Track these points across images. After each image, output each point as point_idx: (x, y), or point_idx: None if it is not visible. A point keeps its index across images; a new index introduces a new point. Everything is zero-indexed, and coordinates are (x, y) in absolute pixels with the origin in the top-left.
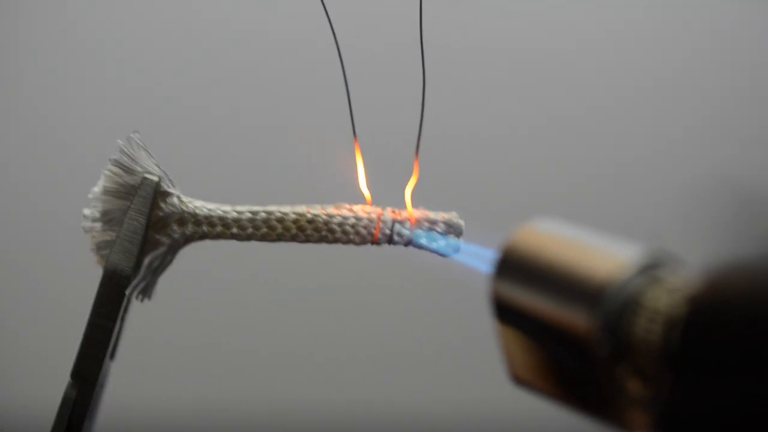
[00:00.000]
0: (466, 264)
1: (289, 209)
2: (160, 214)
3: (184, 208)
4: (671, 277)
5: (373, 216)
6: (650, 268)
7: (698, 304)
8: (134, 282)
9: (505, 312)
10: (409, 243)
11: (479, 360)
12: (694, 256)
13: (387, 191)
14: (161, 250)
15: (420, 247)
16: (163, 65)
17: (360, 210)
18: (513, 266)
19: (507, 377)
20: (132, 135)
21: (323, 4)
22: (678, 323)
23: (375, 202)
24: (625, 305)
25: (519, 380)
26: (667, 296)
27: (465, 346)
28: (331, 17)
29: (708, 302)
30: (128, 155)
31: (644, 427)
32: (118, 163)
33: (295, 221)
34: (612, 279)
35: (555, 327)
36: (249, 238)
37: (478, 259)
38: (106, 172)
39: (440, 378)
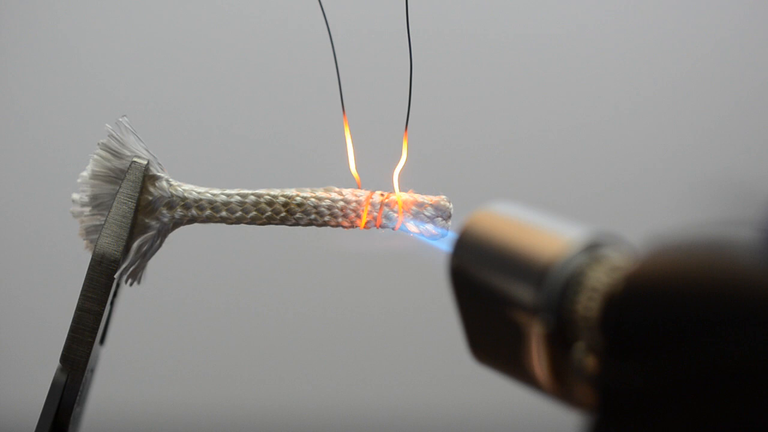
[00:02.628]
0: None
1: (279, 192)
2: (149, 198)
3: (173, 191)
4: (614, 256)
5: (362, 199)
6: (594, 248)
7: (632, 283)
8: (123, 266)
9: (462, 291)
10: (396, 227)
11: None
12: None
13: (379, 174)
14: (150, 234)
15: (407, 231)
16: (152, 50)
17: (349, 193)
18: (468, 247)
19: (468, 355)
20: (121, 119)
21: None
22: (613, 301)
23: (366, 185)
24: (567, 284)
25: (480, 359)
26: (607, 275)
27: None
28: (321, 1)
29: (641, 282)
30: (117, 139)
31: (593, 403)
32: (106, 147)
33: (284, 204)
34: (556, 258)
35: (506, 305)
36: (238, 221)
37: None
38: (95, 157)
39: (437, 374)
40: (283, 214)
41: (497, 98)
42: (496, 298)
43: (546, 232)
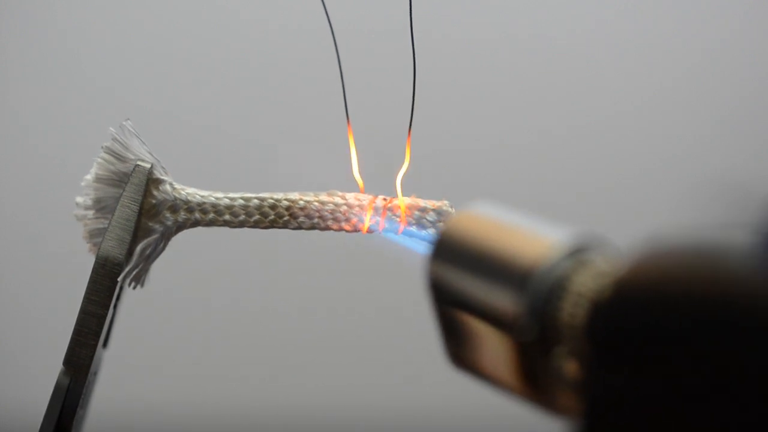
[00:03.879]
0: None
1: (282, 196)
2: (153, 201)
3: (177, 195)
4: (599, 261)
5: (365, 204)
6: (579, 252)
7: (620, 289)
8: (127, 269)
9: (439, 295)
10: (399, 231)
11: None
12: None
13: (382, 179)
14: (154, 237)
15: (409, 236)
16: (156, 53)
17: (352, 198)
18: (447, 249)
19: (446, 362)
20: (124, 123)
21: None
22: (600, 308)
23: (369, 189)
24: (551, 289)
25: (457, 364)
26: (593, 280)
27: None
28: (325, 4)
29: (628, 288)
30: (120, 143)
31: (575, 410)
32: (110, 151)
33: (287, 208)
34: (539, 262)
35: (486, 311)
36: (241, 225)
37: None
38: (99, 160)
39: (438, 373)
40: (285, 218)
41: (500, 103)
42: (476, 304)
43: (529, 234)
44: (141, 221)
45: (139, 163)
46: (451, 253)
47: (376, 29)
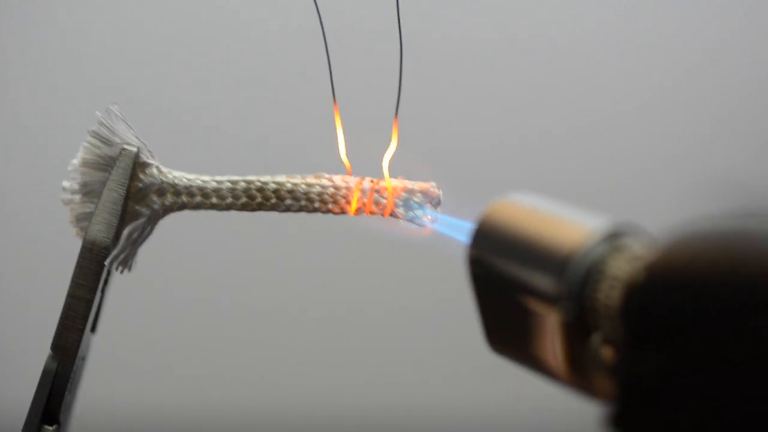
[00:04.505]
0: (443, 235)
1: (269, 179)
2: (140, 185)
3: (164, 178)
4: (634, 245)
5: (352, 185)
6: (615, 238)
7: (653, 272)
8: (114, 253)
9: (481, 281)
10: (386, 213)
11: (478, 352)
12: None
13: (370, 161)
14: (141, 221)
15: (397, 216)
16: (141, 38)
17: (339, 179)
18: (488, 236)
19: (486, 345)
20: (111, 107)
21: None
22: (634, 290)
23: (356, 171)
24: (588, 273)
25: (497, 349)
26: (628, 264)
27: (463, 336)
28: None
29: (662, 271)
30: (107, 127)
31: (611, 393)
32: (96, 135)
33: (275, 191)
34: (577, 248)
35: (527, 295)
36: (228, 207)
37: (455, 229)
38: (85, 144)
39: (437, 372)
40: (273, 201)
41: (489, 86)
42: (515, 288)
43: (566, 221)
44: (128, 205)
45: (125, 147)
46: (492, 239)
47: (365, 13)
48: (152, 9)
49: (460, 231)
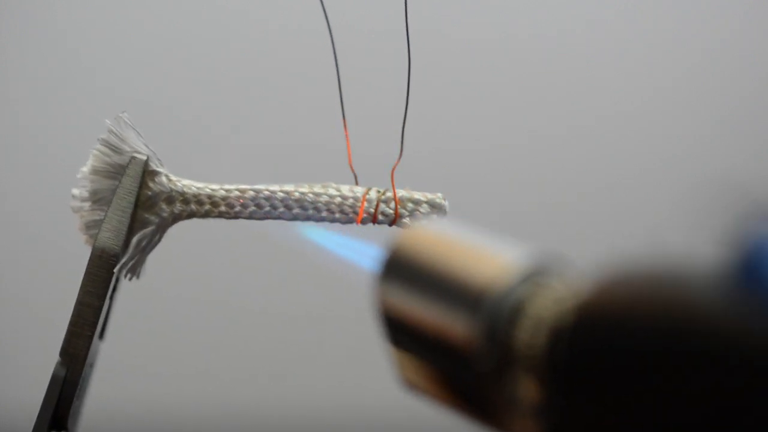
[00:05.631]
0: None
1: (277, 188)
2: (149, 193)
3: (173, 186)
4: (560, 283)
5: (359, 195)
6: (538, 273)
7: (583, 314)
8: (123, 261)
9: (390, 317)
10: (392, 223)
11: None
12: (692, 256)
13: (378, 171)
14: (150, 228)
15: (403, 227)
16: (152, 45)
17: (346, 189)
18: (397, 269)
19: (398, 383)
20: (120, 114)
21: None
22: (562, 334)
23: (364, 181)
24: (508, 313)
25: (411, 386)
26: (553, 305)
27: None
28: None
29: (592, 313)
30: (117, 135)
31: None
32: (106, 143)
33: (282, 200)
34: (493, 284)
35: (438, 335)
36: (237, 216)
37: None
38: (95, 152)
39: None
40: (281, 210)
41: (496, 96)
42: (427, 327)
43: (482, 252)
44: (137, 213)
45: (135, 155)
46: (401, 273)
47: (372, 21)
48: (162, 18)
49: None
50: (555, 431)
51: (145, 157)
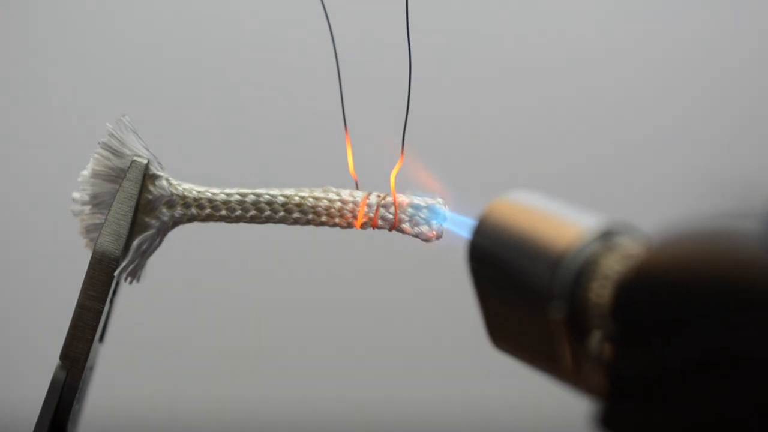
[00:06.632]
0: (449, 232)
1: (278, 192)
2: (149, 196)
3: (173, 190)
4: (627, 245)
5: (359, 200)
6: (608, 237)
7: (641, 272)
8: (123, 264)
9: (481, 278)
10: (392, 228)
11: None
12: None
13: (379, 175)
14: (150, 232)
15: (402, 231)
16: (153, 49)
17: (347, 194)
18: (487, 234)
19: (488, 341)
20: (121, 118)
21: None
22: (623, 290)
23: (365, 186)
24: (581, 272)
25: (499, 345)
26: (619, 263)
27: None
28: (324, 2)
29: (650, 271)
30: (117, 138)
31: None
32: (107, 146)
33: (283, 204)
34: (570, 247)
35: (522, 292)
36: (238, 220)
37: (461, 227)
38: (95, 155)
39: (434, 373)
40: (281, 214)
41: (496, 101)
42: (513, 285)
43: (562, 220)
44: (137, 216)
45: (135, 158)
46: (491, 236)
47: (373, 26)
48: (165, 22)
49: (465, 228)
50: (616, 380)
51: (145, 161)
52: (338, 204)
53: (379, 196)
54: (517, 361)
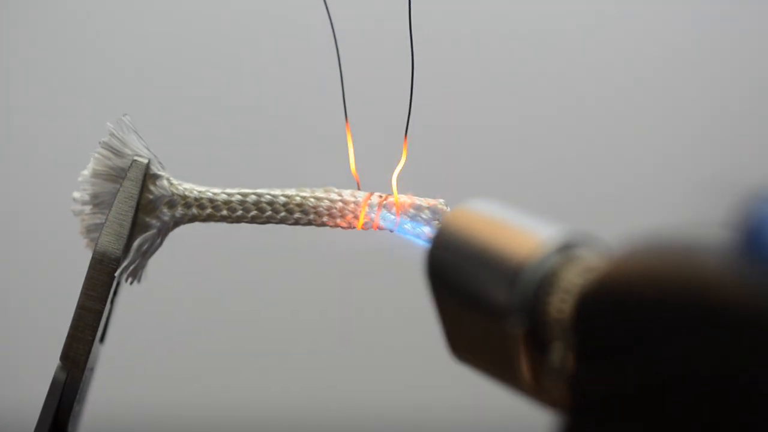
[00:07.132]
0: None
1: (279, 192)
2: (150, 196)
3: (174, 190)
4: (587, 257)
5: (360, 200)
6: (568, 249)
7: (602, 286)
8: (124, 265)
9: (438, 290)
10: (393, 229)
11: None
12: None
13: (380, 176)
14: (151, 232)
15: (403, 233)
16: (153, 48)
17: (348, 194)
18: (445, 244)
19: (447, 353)
20: (122, 118)
21: None
22: (583, 304)
23: (366, 186)
24: (540, 284)
25: (458, 357)
26: (579, 276)
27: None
28: (326, 3)
29: (612, 283)
30: (118, 138)
31: (566, 405)
32: (107, 146)
33: (284, 204)
34: (529, 258)
35: (481, 305)
36: (239, 220)
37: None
38: (96, 155)
39: (433, 374)
40: (282, 214)
41: (498, 102)
42: (471, 297)
43: (521, 230)
44: (138, 216)
45: (136, 158)
46: (449, 247)
47: (376, 27)
48: (165, 22)
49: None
50: (578, 394)
51: (146, 161)
52: (339, 204)
53: (380, 196)
54: (477, 373)
